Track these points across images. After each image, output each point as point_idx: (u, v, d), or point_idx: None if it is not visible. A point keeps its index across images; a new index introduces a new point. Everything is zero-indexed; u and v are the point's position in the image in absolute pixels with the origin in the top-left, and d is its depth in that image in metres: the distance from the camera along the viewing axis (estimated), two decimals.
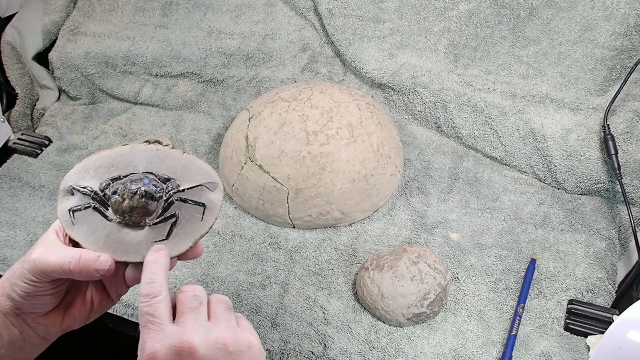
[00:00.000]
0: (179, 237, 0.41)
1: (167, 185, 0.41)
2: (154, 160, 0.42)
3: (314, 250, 0.70)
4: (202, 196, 0.42)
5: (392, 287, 0.60)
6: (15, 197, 0.79)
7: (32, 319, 0.39)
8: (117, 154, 0.42)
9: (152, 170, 0.42)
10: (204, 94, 0.95)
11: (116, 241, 0.40)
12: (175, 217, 0.41)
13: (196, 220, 0.41)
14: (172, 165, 0.42)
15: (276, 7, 0.92)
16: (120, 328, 0.65)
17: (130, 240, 0.40)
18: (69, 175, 0.42)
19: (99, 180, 0.41)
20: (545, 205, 0.75)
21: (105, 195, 0.41)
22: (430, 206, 0.75)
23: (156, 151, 0.43)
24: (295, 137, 0.70)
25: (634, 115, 0.72)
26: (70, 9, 0.97)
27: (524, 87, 0.79)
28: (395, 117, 0.88)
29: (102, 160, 0.42)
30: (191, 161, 0.43)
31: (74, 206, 0.41)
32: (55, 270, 0.37)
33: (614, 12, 0.72)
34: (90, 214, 0.41)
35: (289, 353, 0.59)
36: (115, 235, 0.40)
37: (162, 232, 0.41)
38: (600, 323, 0.60)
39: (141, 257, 0.39)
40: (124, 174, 0.42)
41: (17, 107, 0.92)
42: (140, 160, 0.42)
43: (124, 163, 0.42)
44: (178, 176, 0.42)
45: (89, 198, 0.41)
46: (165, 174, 0.42)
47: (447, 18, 0.82)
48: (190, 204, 0.41)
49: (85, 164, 0.42)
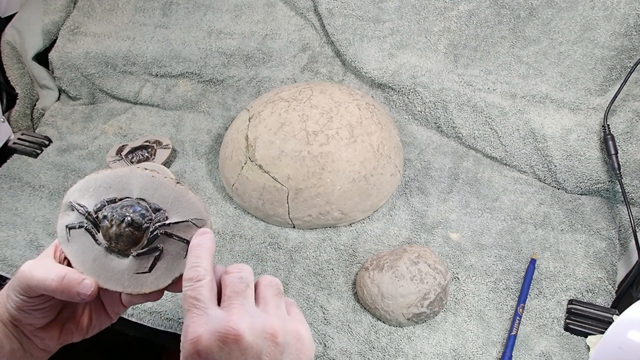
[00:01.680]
0: (160, 272, 0.39)
1: (157, 215, 0.40)
2: (148, 187, 0.41)
3: (314, 250, 0.70)
4: (187, 232, 0.39)
5: (392, 287, 0.60)
6: (15, 197, 0.79)
7: (30, 331, 0.39)
8: (116, 175, 0.41)
9: (145, 197, 0.41)
10: (204, 94, 0.95)
11: (101, 266, 0.39)
12: (159, 250, 0.39)
13: (179, 257, 0.39)
14: (164, 195, 0.40)
15: (276, 7, 0.92)
16: (121, 328, 0.65)
17: (114, 267, 0.39)
18: (71, 191, 0.41)
19: (95, 200, 0.41)
20: (545, 205, 0.75)
21: (97, 218, 0.40)
22: (430, 206, 0.75)
23: (152, 177, 0.41)
24: (295, 137, 0.70)
25: (634, 115, 0.72)
26: (70, 9, 0.97)
27: (524, 87, 0.79)
28: (395, 117, 0.88)
29: (101, 179, 0.41)
30: (182, 193, 0.40)
31: (70, 223, 0.40)
32: (39, 286, 0.36)
33: (614, 12, 0.72)
34: (82, 234, 0.40)
35: None
36: (101, 260, 0.39)
37: (145, 264, 0.39)
38: (600, 323, 0.60)
39: (122, 287, 0.38)
40: (119, 196, 0.41)
41: (17, 107, 0.92)
42: (135, 185, 0.41)
43: (121, 185, 0.41)
44: (168, 207, 0.40)
45: (84, 218, 0.40)
46: (157, 204, 0.40)
47: (447, 18, 0.82)
48: (174, 239, 0.39)
49: (87, 181, 0.41)
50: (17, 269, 0.67)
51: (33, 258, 0.69)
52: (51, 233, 0.74)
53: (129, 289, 0.39)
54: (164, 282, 0.39)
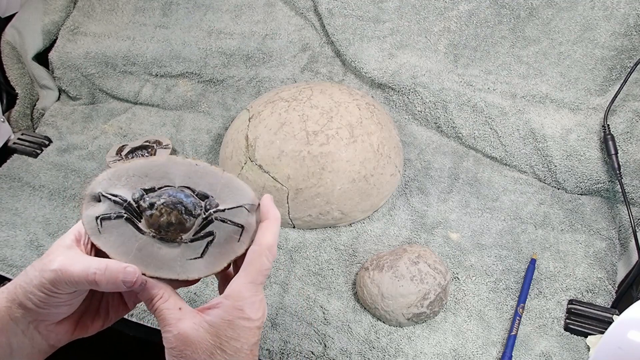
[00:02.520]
0: (213, 257, 0.39)
1: (206, 202, 0.40)
2: (192, 175, 0.41)
3: (314, 250, 0.70)
4: (240, 217, 0.40)
5: (392, 287, 0.60)
6: (15, 197, 0.79)
7: (44, 327, 0.38)
8: (152, 164, 0.41)
9: (190, 185, 0.41)
10: (204, 94, 0.95)
11: (149, 255, 0.38)
12: (212, 235, 0.39)
13: (233, 240, 0.40)
14: (211, 183, 0.41)
15: (276, 7, 0.92)
16: (121, 328, 0.65)
17: (163, 255, 0.38)
18: (98, 181, 0.40)
19: (130, 190, 0.40)
20: (545, 205, 0.75)
21: (139, 207, 0.39)
22: (430, 206, 0.75)
23: (195, 166, 0.41)
24: (295, 137, 0.70)
25: (634, 115, 0.72)
26: (70, 9, 0.97)
27: (524, 87, 0.79)
28: (395, 117, 0.88)
29: (135, 168, 0.40)
30: (231, 180, 0.41)
31: (102, 214, 0.39)
32: (79, 282, 0.35)
33: (614, 12, 0.72)
34: (121, 224, 0.39)
35: (289, 353, 0.59)
36: (148, 249, 0.38)
37: (197, 250, 0.39)
38: (600, 323, 0.60)
39: (175, 273, 0.38)
40: (158, 185, 0.40)
41: (17, 107, 0.92)
42: (176, 173, 0.41)
43: (159, 174, 0.41)
44: (217, 194, 0.41)
45: (121, 207, 0.39)
46: (204, 191, 0.40)
47: (447, 18, 0.82)
48: (228, 224, 0.40)
49: (117, 170, 0.40)
50: (18, 268, 0.68)
51: (33, 258, 0.70)
52: (51, 233, 0.74)
53: (183, 276, 0.38)
54: (219, 266, 0.39)
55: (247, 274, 0.37)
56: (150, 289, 0.37)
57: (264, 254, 0.37)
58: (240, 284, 0.36)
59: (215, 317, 0.36)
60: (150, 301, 0.37)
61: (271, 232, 0.38)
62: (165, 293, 0.37)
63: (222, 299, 0.36)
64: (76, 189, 0.81)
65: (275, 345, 0.60)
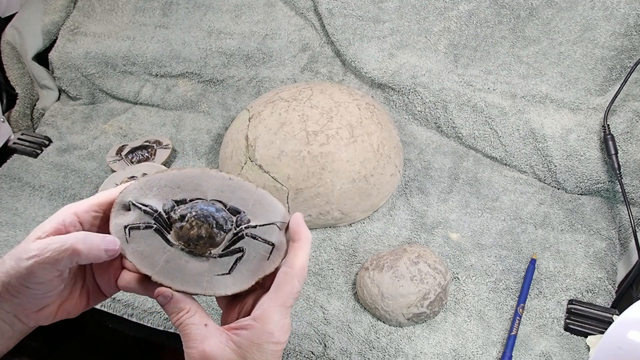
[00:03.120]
0: (241, 274, 0.38)
1: (237, 218, 0.40)
2: (224, 189, 0.40)
3: (314, 250, 0.70)
4: (271, 235, 0.40)
5: (392, 287, 0.60)
6: (15, 197, 0.79)
7: (24, 315, 0.37)
8: (185, 176, 0.40)
9: (222, 199, 0.40)
10: (204, 94, 0.95)
11: (176, 268, 0.37)
12: (242, 252, 0.39)
13: (262, 258, 0.39)
14: (244, 198, 0.40)
15: (276, 7, 0.92)
16: (121, 328, 0.65)
17: (191, 269, 0.38)
18: (129, 190, 0.39)
19: (161, 200, 0.39)
20: (545, 205, 0.75)
21: (169, 218, 0.39)
22: (430, 206, 0.75)
23: (228, 180, 0.41)
24: (295, 137, 0.70)
25: (634, 115, 0.72)
26: (70, 9, 0.97)
27: (524, 87, 0.79)
28: (395, 117, 0.88)
29: (167, 179, 0.40)
30: (264, 196, 0.41)
31: (131, 223, 0.38)
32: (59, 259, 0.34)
33: (614, 12, 0.72)
34: (150, 235, 0.38)
35: (289, 353, 0.59)
36: (175, 261, 0.38)
37: (225, 266, 0.38)
38: (600, 323, 0.60)
39: (202, 289, 0.37)
40: (189, 197, 0.40)
41: (17, 107, 0.92)
42: (209, 187, 0.40)
43: (192, 186, 0.40)
44: (249, 210, 0.40)
45: (151, 218, 0.39)
46: (236, 206, 0.40)
47: (447, 18, 0.82)
48: (259, 241, 0.39)
49: (148, 180, 0.40)
50: None
51: None
52: None
53: (210, 292, 0.37)
54: (247, 284, 0.38)
55: (278, 296, 0.36)
56: (176, 302, 0.37)
57: (296, 276, 0.36)
58: (271, 307, 0.36)
59: (244, 338, 0.35)
60: (175, 314, 0.37)
61: (303, 254, 0.37)
62: (191, 307, 0.37)
63: (251, 321, 0.35)
64: (76, 189, 0.81)
65: None
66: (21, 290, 0.35)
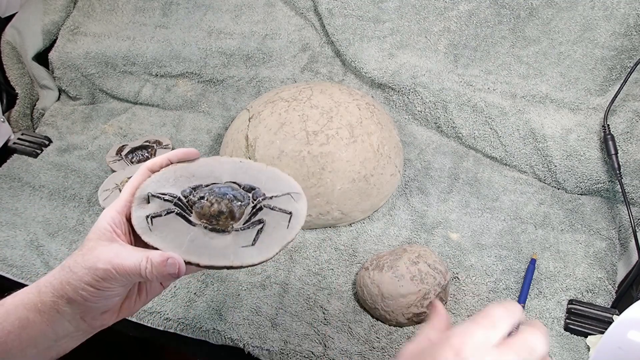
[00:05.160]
0: (265, 244, 0.40)
1: (253, 193, 0.42)
2: (237, 171, 0.43)
3: (314, 250, 0.70)
4: (288, 205, 0.42)
5: (392, 287, 0.60)
6: (15, 197, 0.79)
7: (91, 317, 0.39)
8: (198, 164, 0.43)
9: (236, 180, 0.43)
10: (204, 94, 0.95)
11: (201, 245, 0.39)
12: (262, 223, 0.41)
13: (282, 227, 0.41)
14: (256, 176, 0.43)
15: (276, 7, 0.92)
16: (121, 328, 0.65)
17: (216, 245, 0.40)
18: (146, 184, 0.41)
19: (179, 189, 0.41)
20: (545, 205, 0.75)
21: (189, 201, 0.41)
22: (430, 206, 0.75)
23: (239, 163, 0.43)
24: (295, 137, 0.70)
25: (634, 115, 0.72)
26: (70, 9, 0.97)
27: (524, 87, 0.79)
28: (395, 117, 0.88)
29: (181, 170, 0.42)
30: (275, 172, 0.43)
31: (152, 213, 0.40)
32: (132, 275, 0.37)
33: (614, 12, 0.72)
34: (172, 220, 0.40)
35: (289, 353, 0.59)
36: (200, 239, 0.40)
37: (248, 238, 0.40)
38: (600, 323, 0.60)
39: (229, 261, 0.39)
40: (205, 183, 0.42)
41: (17, 107, 0.92)
42: (222, 171, 0.43)
43: (206, 173, 0.42)
44: (262, 186, 0.43)
45: (171, 204, 0.41)
46: (250, 184, 0.43)
47: (447, 18, 0.82)
48: (277, 212, 0.42)
49: (163, 173, 0.42)
50: (18, 268, 0.68)
51: (33, 258, 0.70)
52: (51, 233, 0.74)
53: (237, 263, 0.39)
54: (271, 252, 0.40)
55: None
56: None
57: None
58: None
59: None
60: None
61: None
62: None
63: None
64: (76, 189, 0.81)
65: (275, 345, 0.60)
66: (94, 294, 0.37)
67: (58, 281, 0.37)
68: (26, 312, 0.37)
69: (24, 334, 0.37)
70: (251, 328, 0.61)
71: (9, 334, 0.36)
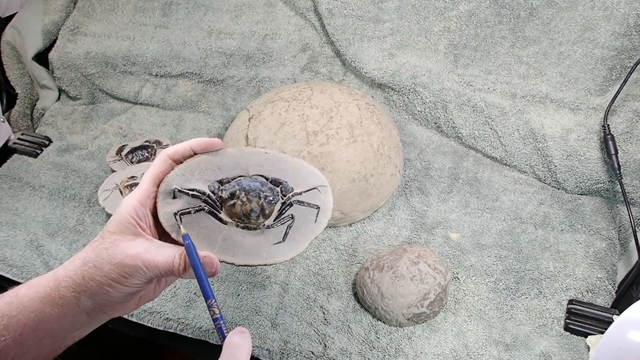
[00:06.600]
0: (295, 239, 0.41)
1: (281, 187, 0.42)
2: (263, 163, 0.42)
3: (314, 250, 0.70)
4: (315, 198, 0.42)
5: (392, 287, 0.60)
6: (15, 197, 0.79)
7: (111, 308, 0.39)
8: (223, 156, 0.42)
9: (263, 173, 0.42)
10: (204, 94, 0.95)
11: (234, 244, 0.39)
12: (292, 219, 0.41)
13: (310, 222, 0.42)
14: (283, 169, 0.42)
15: (276, 7, 0.92)
16: (121, 328, 0.65)
17: (248, 243, 0.40)
18: (171, 177, 0.40)
19: (205, 183, 0.40)
20: (545, 205, 0.75)
21: (219, 198, 0.40)
22: (430, 206, 0.75)
23: (265, 154, 0.42)
24: (295, 137, 0.70)
25: (634, 115, 0.72)
26: (70, 9, 0.97)
27: (524, 87, 0.79)
28: (395, 117, 0.88)
29: (207, 162, 0.41)
30: (301, 164, 0.43)
31: (181, 209, 0.39)
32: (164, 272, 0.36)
33: (614, 12, 0.72)
34: (202, 217, 0.40)
35: (289, 353, 0.59)
36: (232, 238, 0.40)
37: (279, 235, 0.41)
38: (600, 323, 0.60)
39: (262, 259, 0.39)
40: (231, 176, 0.41)
41: (17, 107, 0.92)
42: (248, 163, 0.42)
43: (232, 165, 0.42)
44: (290, 179, 0.42)
45: (200, 201, 0.40)
46: (277, 177, 0.42)
47: (447, 18, 0.82)
48: (305, 206, 0.42)
49: (188, 165, 0.41)
50: (18, 268, 0.68)
51: (33, 258, 0.70)
52: (51, 233, 0.74)
53: (270, 260, 0.39)
54: (302, 247, 0.41)
55: None
56: None
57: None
58: None
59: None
60: None
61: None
62: None
63: None
64: (76, 189, 0.81)
65: (275, 345, 0.60)
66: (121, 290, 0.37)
67: (80, 277, 0.36)
68: (43, 305, 0.36)
69: (40, 326, 0.36)
70: (251, 328, 0.61)
71: (24, 327, 0.36)
